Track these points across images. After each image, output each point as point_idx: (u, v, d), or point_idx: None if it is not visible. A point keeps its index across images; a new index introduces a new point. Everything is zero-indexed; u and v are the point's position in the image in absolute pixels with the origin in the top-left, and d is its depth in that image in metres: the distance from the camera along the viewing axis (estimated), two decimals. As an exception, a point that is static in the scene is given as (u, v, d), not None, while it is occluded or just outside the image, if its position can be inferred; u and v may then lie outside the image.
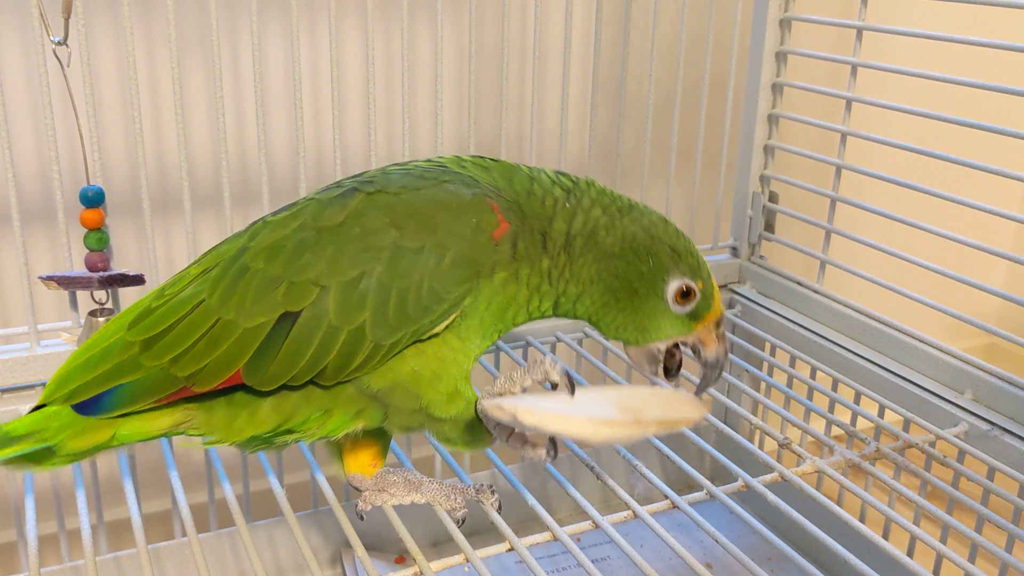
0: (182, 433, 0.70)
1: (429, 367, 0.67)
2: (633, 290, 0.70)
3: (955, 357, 1.02)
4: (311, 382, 0.66)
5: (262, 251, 0.65)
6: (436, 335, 0.67)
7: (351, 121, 1.19)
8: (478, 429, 0.71)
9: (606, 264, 0.69)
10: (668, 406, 0.68)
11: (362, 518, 0.79)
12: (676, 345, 0.74)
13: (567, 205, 0.70)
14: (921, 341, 1.06)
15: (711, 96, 1.23)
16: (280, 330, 0.63)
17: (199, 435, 0.69)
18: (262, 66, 0.97)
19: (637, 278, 0.69)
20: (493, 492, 0.78)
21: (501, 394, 0.70)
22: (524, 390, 0.70)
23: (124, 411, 0.67)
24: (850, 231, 1.14)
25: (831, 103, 1.21)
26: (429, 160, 0.72)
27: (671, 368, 0.75)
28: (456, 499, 0.77)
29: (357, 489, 0.78)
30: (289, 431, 0.68)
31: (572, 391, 0.68)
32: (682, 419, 0.67)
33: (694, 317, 0.72)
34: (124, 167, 1.10)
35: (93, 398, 0.66)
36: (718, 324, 0.73)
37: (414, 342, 0.66)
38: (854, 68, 1.12)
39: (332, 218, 0.65)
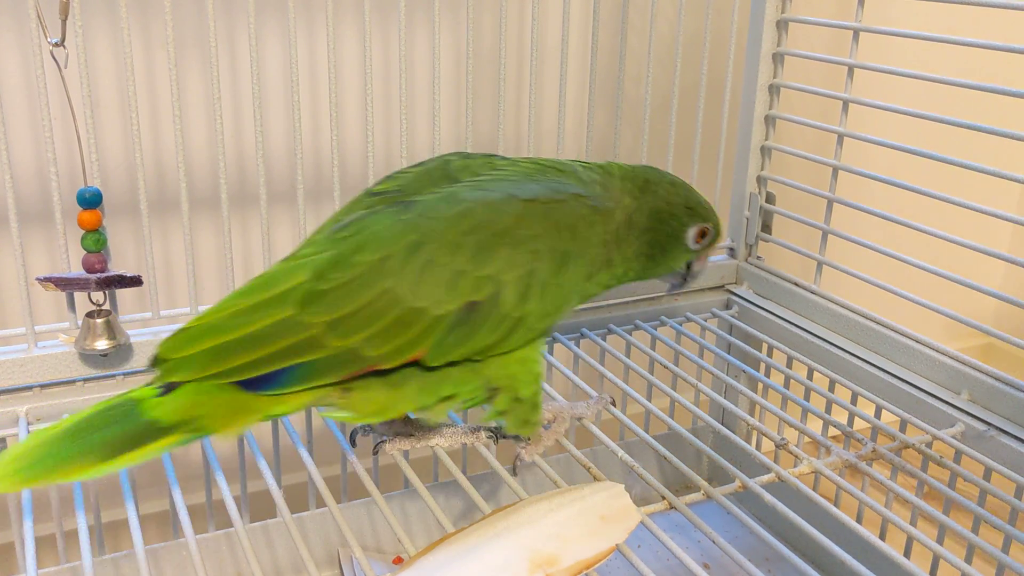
0: (319, 406, 0.75)
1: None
2: (662, 248, 0.83)
3: (952, 358, 1.02)
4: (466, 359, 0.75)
5: (444, 247, 0.72)
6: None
7: (349, 122, 1.19)
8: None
9: (643, 237, 0.82)
10: (594, 532, 0.73)
11: (376, 452, 0.87)
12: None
13: (612, 205, 0.81)
14: (918, 342, 1.06)
15: (708, 97, 1.23)
16: (462, 317, 0.72)
17: (332, 408, 0.76)
18: (260, 67, 0.98)
19: (664, 238, 0.83)
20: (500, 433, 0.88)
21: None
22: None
23: (302, 387, 0.71)
24: (847, 232, 1.14)
25: (828, 104, 1.22)
26: (538, 162, 0.82)
27: (695, 274, 0.90)
28: (479, 434, 0.88)
29: (380, 434, 0.87)
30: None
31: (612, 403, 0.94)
32: (605, 550, 0.72)
33: (707, 246, 0.87)
34: (122, 168, 1.10)
35: (267, 375, 0.69)
36: (714, 247, 0.88)
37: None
38: (851, 69, 1.12)
39: (501, 222, 0.74)
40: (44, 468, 0.67)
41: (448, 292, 0.71)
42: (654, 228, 0.82)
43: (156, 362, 0.71)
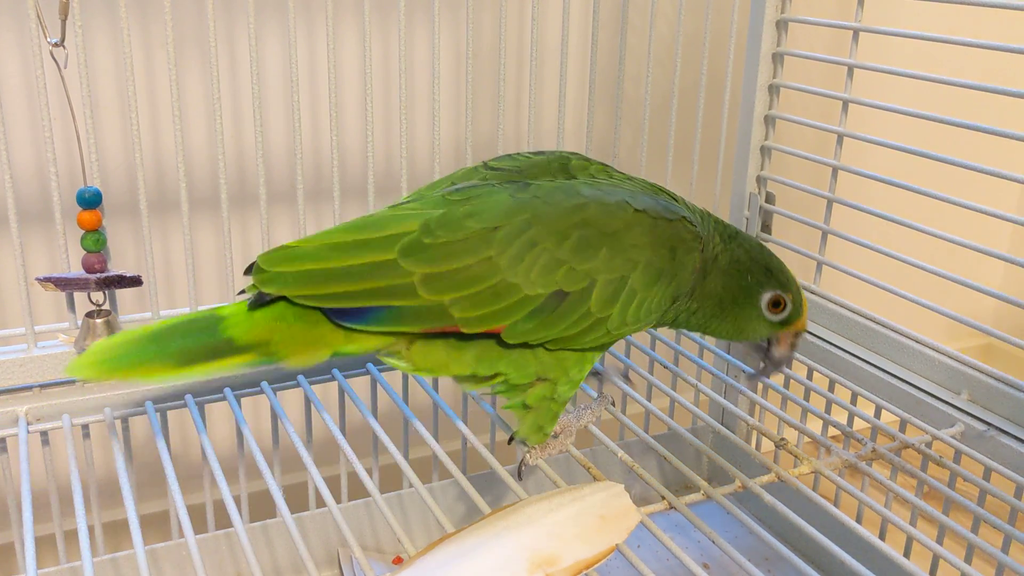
0: (382, 353, 0.77)
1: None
2: (734, 301, 0.83)
3: (951, 358, 1.02)
4: (538, 344, 0.76)
5: (551, 233, 0.74)
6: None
7: (349, 122, 1.19)
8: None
9: (720, 282, 0.82)
10: (594, 532, 0.73)
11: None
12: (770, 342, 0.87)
13: (707, 239, 0.82)
14: (918, 342, 1.06)
15: (708, 97, 1.23)
16: (550, 303, 0.74)
17: (394, 355, 0.77)
18: (259, 67, 0.98)
19: (738, 291, 0.82)
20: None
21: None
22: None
23: (386, 329, 0.73)
24: (847, 232, 1.14)
25: (827, 104, 1.22)
26: (653, 184, 0.84)
27: (774, 360, 0.87)
28: None
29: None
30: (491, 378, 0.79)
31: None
32: (605, 550, 0.72)
33: (784, 323, 0.84)
34: (121, 168, 1.10)
35: (357, 309, 0.72)
36: (797, 334, 0.85)
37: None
38: (850, 69, 1.12)
39: (610, 225, 0.75)
40: (126, 364, 0.71)
41: (542, 276, 0.73)
42: (732, 274, 0.83)
43: (253, 270, 0.73)
